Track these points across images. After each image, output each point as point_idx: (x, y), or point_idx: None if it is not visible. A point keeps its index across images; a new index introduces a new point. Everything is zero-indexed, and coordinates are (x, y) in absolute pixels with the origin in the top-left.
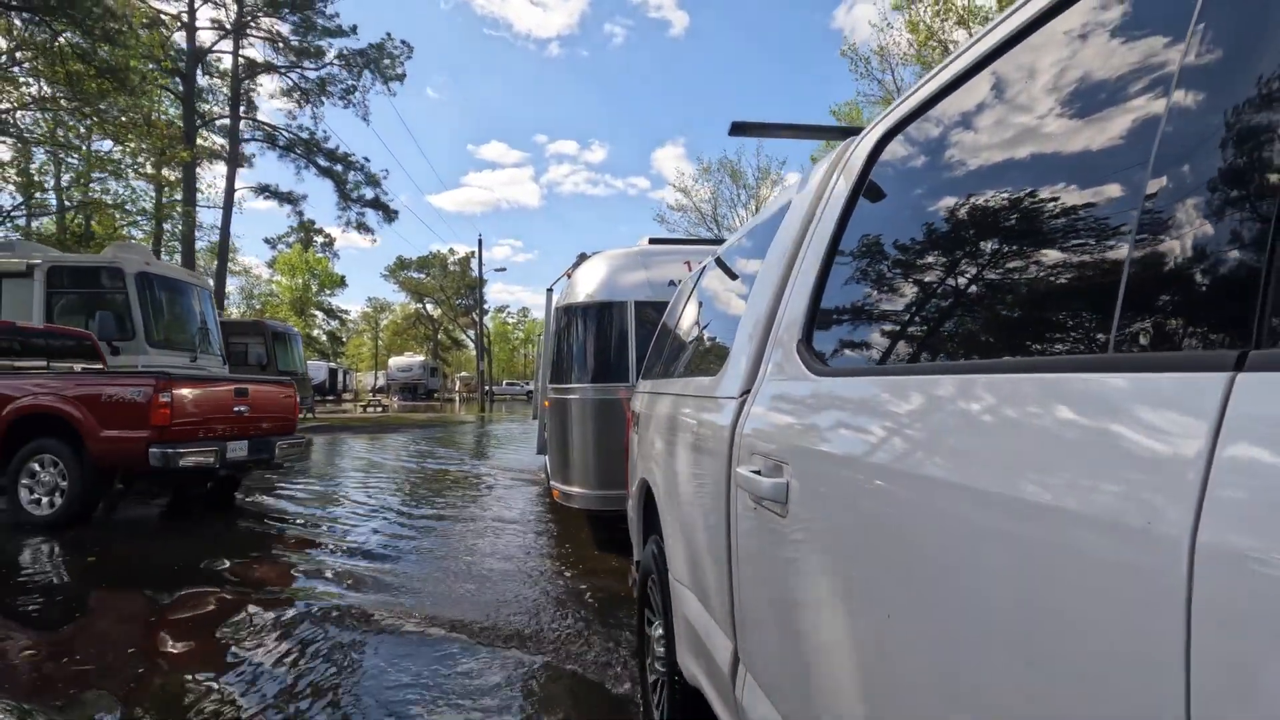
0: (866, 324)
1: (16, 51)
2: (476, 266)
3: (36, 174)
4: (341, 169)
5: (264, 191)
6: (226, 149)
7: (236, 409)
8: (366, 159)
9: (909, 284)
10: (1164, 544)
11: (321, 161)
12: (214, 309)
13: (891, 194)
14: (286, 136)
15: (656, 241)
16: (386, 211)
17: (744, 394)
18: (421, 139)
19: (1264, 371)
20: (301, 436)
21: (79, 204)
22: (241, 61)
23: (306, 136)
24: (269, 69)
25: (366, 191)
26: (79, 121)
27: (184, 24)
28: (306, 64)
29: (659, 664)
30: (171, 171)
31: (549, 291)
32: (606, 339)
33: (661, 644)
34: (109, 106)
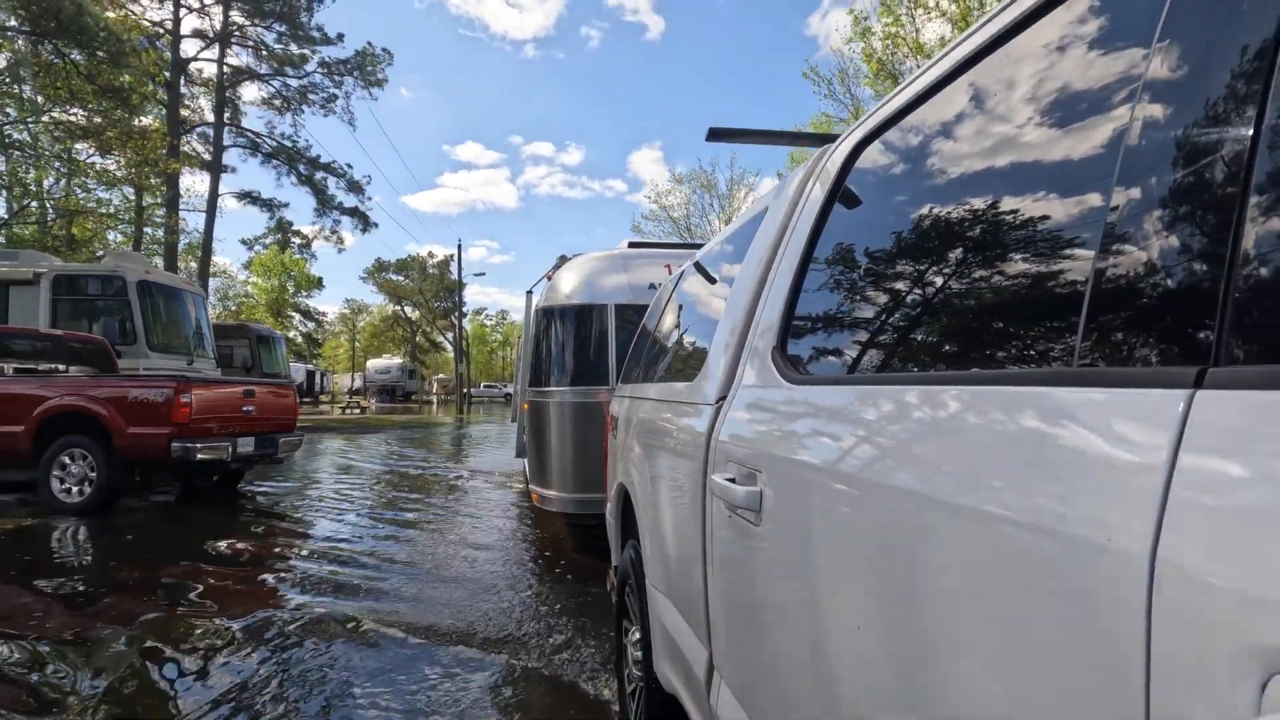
0: (840, 332)
1: (19, 68)
2: (456, 270)
3: (33, 183)
4: (322, 176)
5: (246, 198)
6: (210, 156)
7: (245, 409)
8: (349, 165)
9: (881, 293)
10: (1124, 560)
11: (303, 169)
12: (207, 314)
13: (866, 202)
14: (270, 144)
15: (637, 245)
16: (365, 220)
17: (720, 400)
18: (396, 139)
19: (1222, 390)
20: (300, 434)
21: (70, 212)
22: (226, 70)
23: (289, 144)
24: (253, 76)
25: (346, 200)
26: (73, 135)
27: (168, 31)
28: (289, 71)
29: (636, 670)
30: (157, 180)
31: (529, 294)
32: (586, 341)
33: (639, 650)
34: (106, 123)
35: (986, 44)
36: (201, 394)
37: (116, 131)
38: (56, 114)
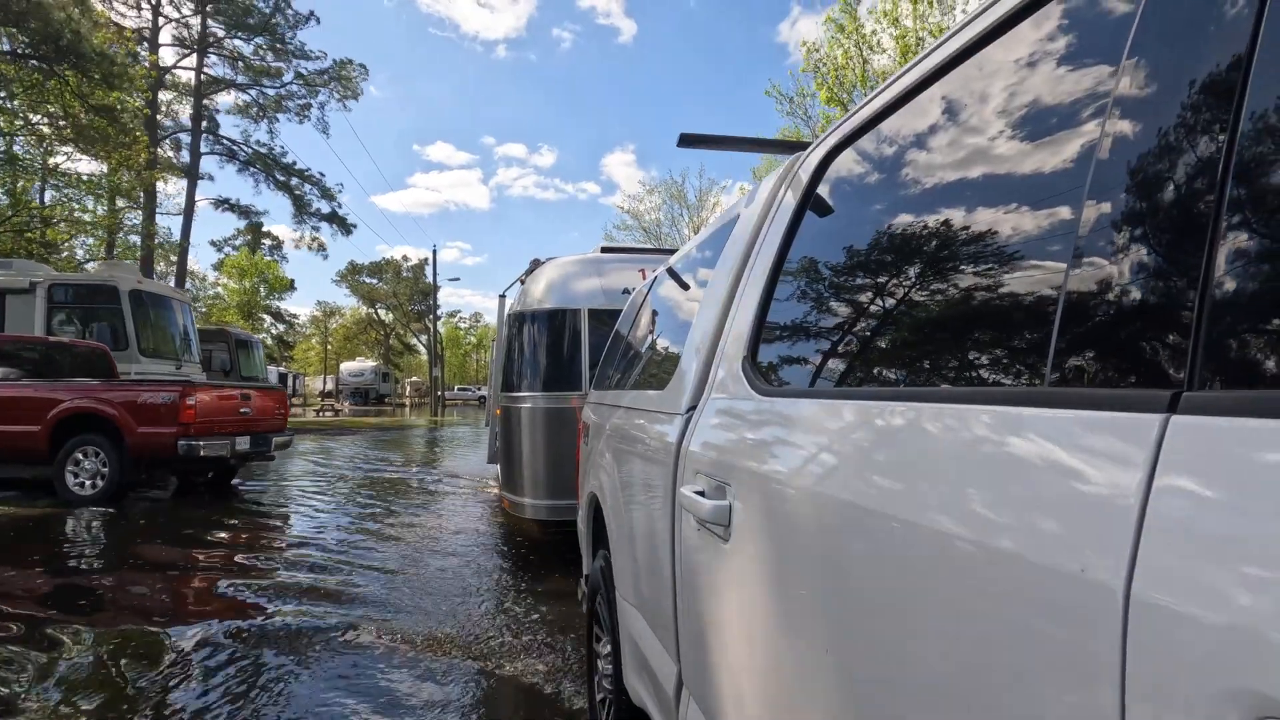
0: (811, 343)
1: (13, 86)
2: (431, 274)
3: (20, 192)
4: (298, 183)
5: (224, 204)
6: (187, 163)
7: (242, 410)
8: (322, 174)
9: (852, 305)
10: (1099, 592)
11: (279, 176)
12: (193, 320)
13: (838, 211)
14: (246, 152)
15: (610, 250)
16: (343, 225)
17: (690, 410)
18: (365, 138)
19: (1196, 415)
20: (290, 434)
21: (53, 220)
22: (204, 78)
23: (265, 152)
24: (230, 86)
25: (323, 206)
26: (63, 140)
27: (145, 39)
28: (266, 81)
29: (606, 682)
30: (136, 188)
31: (502, 298)
32: (559, 346)
33: (609, 663)
34: (95, 134)
35: (958, 53)
36: (204, 397)
37: (104, 146)
38: (43, 126)
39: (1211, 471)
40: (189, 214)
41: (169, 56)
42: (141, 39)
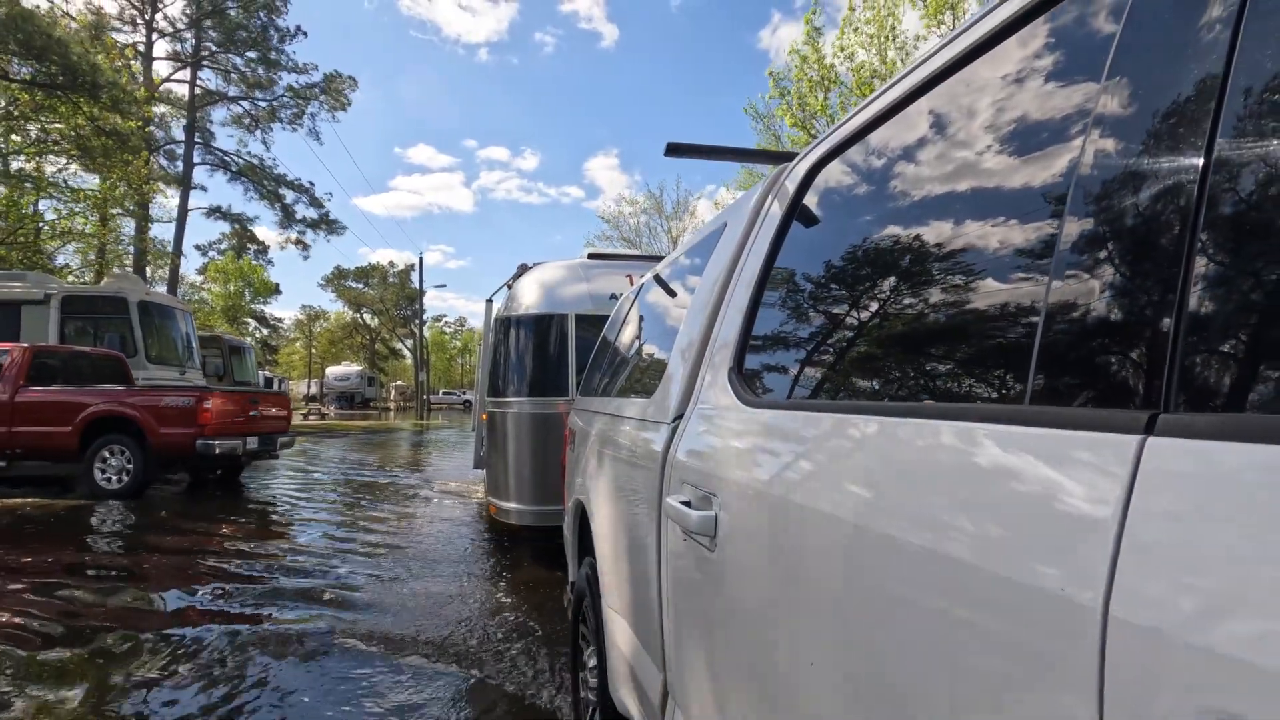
0: (796, 355)
1: (27, 109)
2: (417, 280)
3: (26, 206)
4: (287, 192)
5: (216, 213)
6: (180, 172)
7: (251, 413)
8: (311, 183)
9: (837, 317)
10: (1078, 611)
11: (269, 185)
12: (194, 329)
13: (824, 222)
14: (238, 163)
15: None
16: (331, 226)
17: (676, 419)
18: (346, 139)
19: (1173, 437)
20: (292, 435)
21: (59, 233)
22: (197, 91)
23: (256, 163)
24: (223, 99)
25: (311, 213)
26: (68, 157)
27: (140, 53)
28: (258, 94)
29: (592, 695)
30: (134, 202)
31: (488, 302)
32: (546, 351)
33: (595, 671)
34: (100, 153)
35: (943, 69)
36: (219, 401)
37: (107, 162)
38: (53, 146)
39: (1187, 493)
40: (181, 223)
41: (163, 71)
42: (137, 54)
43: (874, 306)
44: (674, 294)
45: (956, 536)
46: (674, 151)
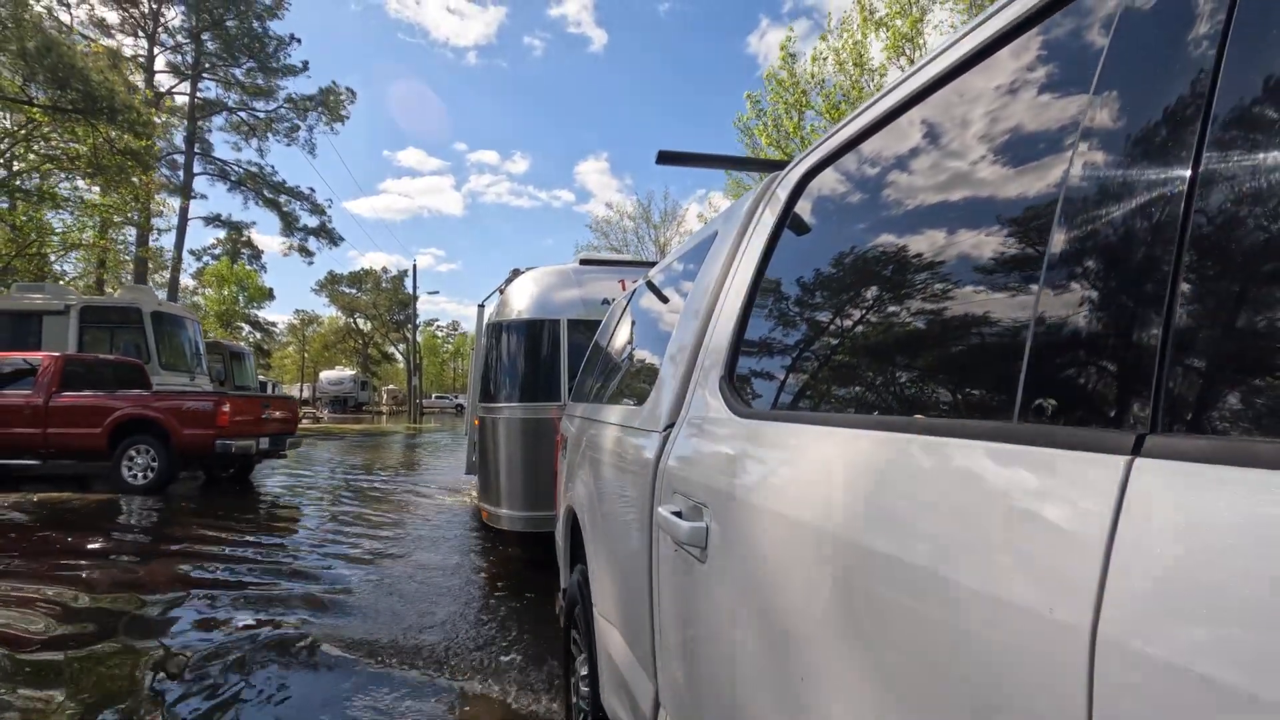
0: (786, 365)
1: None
2: (411, 285)
3: (36, 219)
4: (286, 199)
5: (215, 220)
6: (181, 181)
7: (264, 415)
8: (311, 189)
9: (825, 330)
10: (1066, 633)
11: (268, 194)
12: (202, 337)
13: (814, 231)
14: (238, 171)
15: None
16: (330, 238)
17: (668, 428)
18: (337, 144)
19: (1159, 459)
20: (299, 436)
21: (71, 245)
22: (197, 102)
23: (256, 171)
24: (223, 108)
25: (310, 220)
26: (82, 174)
27: (142, 66)
28: (256, 105)
29: (583, 704)
30: (134, 211)
31: (480, 307)
32: (538, 357)
33: (587, 680)
34: (119, 174)
35: (935, 80)
36: (236, 405)
37: (119, 178)
38: (69, 165)
39: (1175, 515)
40: (182, 231)
41: (163, 80)
42: (140, 66)
43: (864, 318)
44: (666, 300)
45: (945, 553)
46: (666, 160)
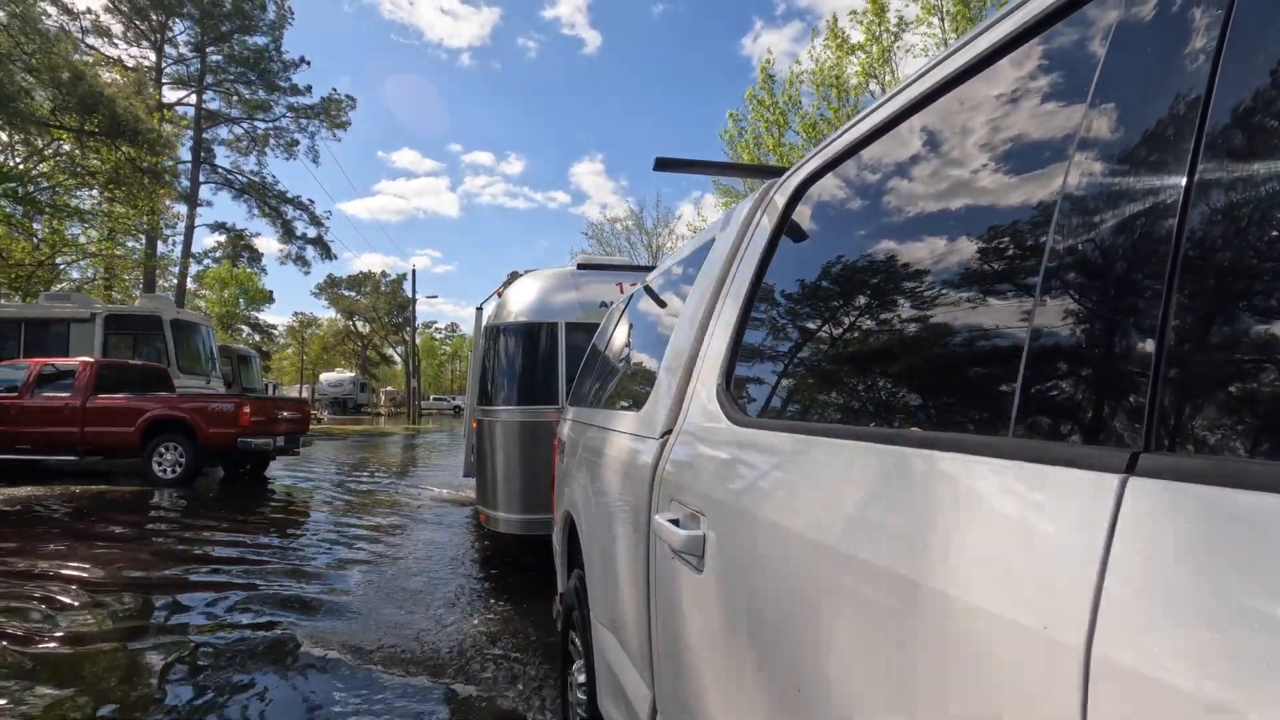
0: (783, 373)
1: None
2: (410, 288)
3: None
4: (286, 208)
5: (220, 228)
6: (187, 189)
7: (279, 416)
8: (311, 200)
9: (821, 339)
10: (1061, 651)
11: (270, 203)
12: (215, 342)
13: (811, 239)
14: (241, 180)
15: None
16: (326, 250)
17: (665, 434)
18: (332, 145)
19: (1153, 478)
20: (311, 436)
21: (89, 255)
22: (203, 112)
23: (259, 181)
24: (227, 120)
25: (309, 230)
26: (103, 189)
27: (151, 80)
28: (259, 116)
29: (580, 711)
30: (144, 220)
31: (478, 310)
32: (536, 360)
33: (584, 688)
34: (133, 184)
35: (933, 89)
36: (256, 407)
37: (141, 193)
38: (85, 176)
39: (1169, 534)
40: (189, 238)
41: (170, 92)
42: (149, 79)
43: (861, 328)
44: (664, 305)
45: (940, 568)
46: (663, 165)
